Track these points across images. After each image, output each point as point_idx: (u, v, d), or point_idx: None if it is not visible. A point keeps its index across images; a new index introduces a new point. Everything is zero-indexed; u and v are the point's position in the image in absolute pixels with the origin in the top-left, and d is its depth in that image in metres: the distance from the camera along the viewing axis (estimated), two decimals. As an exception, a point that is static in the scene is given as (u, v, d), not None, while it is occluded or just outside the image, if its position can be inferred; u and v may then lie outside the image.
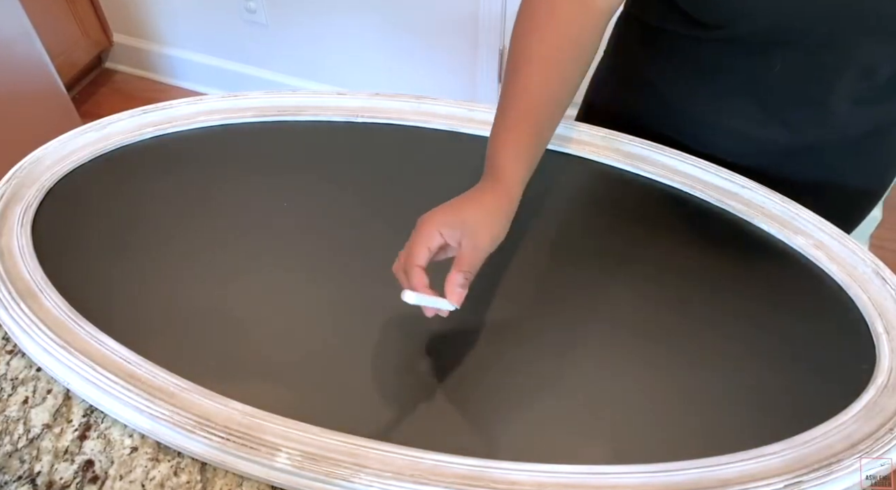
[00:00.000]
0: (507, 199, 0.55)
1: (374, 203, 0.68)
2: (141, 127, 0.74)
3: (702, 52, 0.67)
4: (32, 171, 0.68)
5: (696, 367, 0.56)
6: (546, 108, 0.58)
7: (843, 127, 0.68)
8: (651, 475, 0.48)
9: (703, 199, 0.69)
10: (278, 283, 0.61)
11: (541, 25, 0.59)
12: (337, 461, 0.48)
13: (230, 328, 0.57)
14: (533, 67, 0.58)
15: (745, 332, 0.58)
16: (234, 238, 0.65)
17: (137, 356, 0.54)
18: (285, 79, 1.90)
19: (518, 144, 0.57)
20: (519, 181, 0.56)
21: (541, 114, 0.58)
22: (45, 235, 0.63)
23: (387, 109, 0.77)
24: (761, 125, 0.69)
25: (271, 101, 0.78)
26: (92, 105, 1.99)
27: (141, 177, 0.70)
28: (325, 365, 0.55)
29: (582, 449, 0.50)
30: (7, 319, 0.55)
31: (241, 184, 0.70)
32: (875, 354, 0.56)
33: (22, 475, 0.49)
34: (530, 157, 0.57)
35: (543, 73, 0.58)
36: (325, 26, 1.73)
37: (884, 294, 0.60)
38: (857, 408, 0.52)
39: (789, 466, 0.48)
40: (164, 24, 1.94)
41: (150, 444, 0.51)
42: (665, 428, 0.52)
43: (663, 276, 0.62)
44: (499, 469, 0.48)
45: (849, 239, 0.64)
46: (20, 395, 0.54)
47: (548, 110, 0.58)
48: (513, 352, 0.56)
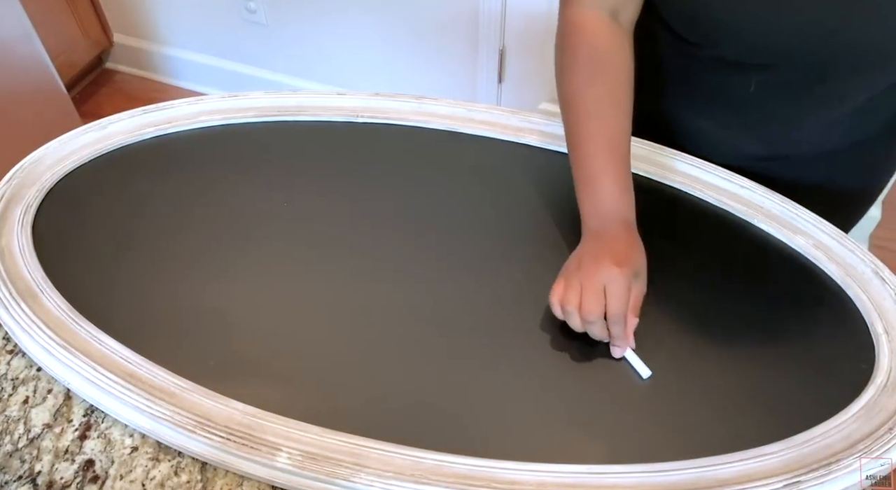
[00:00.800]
0: (636, 236, 0.58)
1: (374, 203, 0.68)
2: (141, 127, 0.74)
3: (683, 66, 0.69)
4: (33, 172, 0.68)
5: (695, 367, 0.56)
6: (627, 146, 0.62)
7: (817, 144, 0.71)
8: (650, 475, 0.48)
9: (702, 199, 0.69)
10: (279, 283, 0.61)
11: (601, 74, 0.62)
12: (337, 461, 0.48)
13: (230, 328, 0.57)
14: (608, 114, 0.61)
15: (744, 331, 0.58)
16: (235, 238, 0.65)
17: (138, 356, 0.54)
18: (285, 79, 1.90)
19: (622, 186, 0.60)
20: (634, 217, 0.60)
21: (627, 151, 0.61)
22: (46, 235, 0.63)
23: (387, 109, 0.77)
24: (737, 136, 0.72)
25: (272, 101, 0.78)
26: (92, 105, 1.99)
27: (141, 177, 0.70)
28: (325, 365, 0.55)
29: (582, 449, 0.50)
30: (7, 319, 0.55)
31: (241, 184, 0.70)
32: (874, 354, 0.56)
33: (22, 475, 0.49)
34: (632, 193, 0.60)
35: (616, 118, 0.61)
36: (326, 26, 1.73)
37: (883, 294, 0.60)
38: (856, 407, 0.52)
39: (788, 466, 0.48)
40: (164, 24, 1.94)
41: (150, 443, 0.51)
42: (664, 428, 0.52)
43: (663, 276, 0.62)
44: (499, 469, 0.48)
45: (848, 239, 0.65)
46: (20, 395, 0.54)
47: (628, 147, 0.62)
48: (513, 352, 0.57)
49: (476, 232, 0.67)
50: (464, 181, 0.72)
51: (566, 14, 0.64)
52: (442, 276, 0.62)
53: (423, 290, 0.61)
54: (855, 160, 0.74)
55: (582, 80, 0.62)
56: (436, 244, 0.65)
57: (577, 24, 0.63)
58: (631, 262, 0.55)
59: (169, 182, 0.70)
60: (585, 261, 0.56)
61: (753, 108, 0.69)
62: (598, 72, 0.62)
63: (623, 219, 0.59)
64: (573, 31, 0.63)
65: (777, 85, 0.65)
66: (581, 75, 0.62)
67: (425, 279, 0.62)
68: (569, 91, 0.63)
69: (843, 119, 0.68)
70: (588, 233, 0.59)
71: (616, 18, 0.63)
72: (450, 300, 0.60)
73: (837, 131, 0.69)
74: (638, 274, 0.56)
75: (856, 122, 0.68)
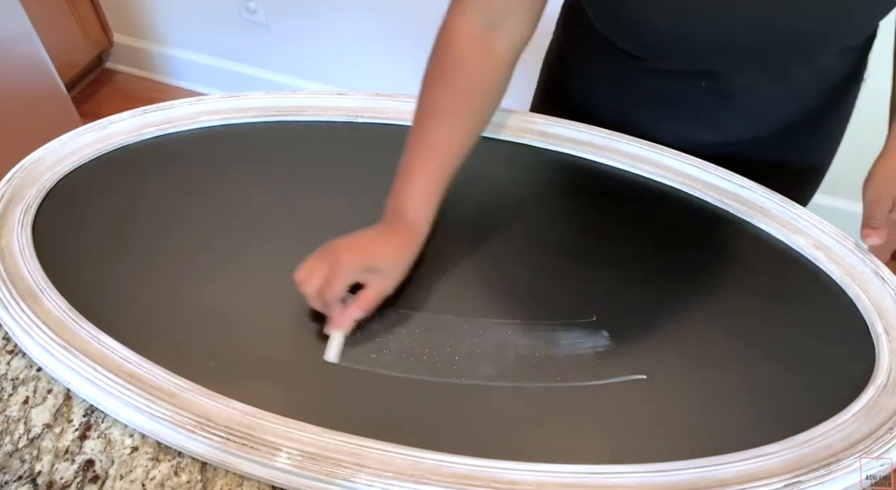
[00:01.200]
0: (415, 241, 0.60)
1: (374, 203, 0.68)
2: (141, 127, 0.74)
3: (629, 76, 0.71)
4: (33, 172, 0.68)
5: (696, 366, 0.56)
6: (452, 157, 0.62)
7: (770, 125, 0.74)
8: (650, 475, 0.48)
9: (702, 199, 0.69)
10: (279, 283, 0.61)
11: (448, 78, 0.63)
12: (337, 461, 0.48)
13: (230, 328, 0.57)
14: (441, 119, 0.62)
15: (744, 331, 0.58)
16: (235, 238, 0.65)
17: (138, 356, 0.54)
18: (285, 79, 1.90)
19: (426, 189, 0.61)
20: (426, 223, 0.61)
21: (447, 161, 0.62)
22: (46, 235, 0.63)
23: (387, 109, 0.77)
24: (693, 129, 0.74)
25: (272, 101, 0.78)
26: (92, 105, 2.00)
27: (141, 177, 0.70)
28: (325, 365, 0.55)
29: (582, 449, 0.50)
30: (7, 319, 0.55)
31: (241, 184, 0.70)
32: (874, 354, 0.56)
33: (22, 475, 0.49)
34: (437, 200, 0.62)
35: (450, 125, 0.62)
36: (326, 26, 1.73)
37: (883, 294, 0.60)
38: (856, 407, 0.52)
39: (788, 466, 0.48)
40: (164, 24, 1.94)
41: (150, 443, 0.51)
42: (664, 428, 0.52)
43: (663, 275, 0.62)
44: (499, 469, 0.48)
45: (849, 239, 0.65)
46: (21, 395, 0.54)
47: (453, 158, 0.62)
48: (513, 352, 0.56)
49: (476, 232, 0.67)
50: (464, 181, 0.72)
51: (445, 19, 0.65)
52: (442, 275, 0.62)
53: (422, 290, 0.61)
54: (809, 134, 0.77)
55: (430, 81, 0.63)
56: (435, 244, 0.65)
57: (449, 29, 0.64)
58: (371, 256, 0.57)
59: (169, 182, 0.70)
60: (343, 240, 0.58)
61: (703, 104, 0.71)
62: (446, 77, 0.63)
63: (400, 214, 0.60)
64: (444, 34, 0.64)
65: (724, 83, 0.68)
66: (431, 76, 0.63)
67: (425, 279, 0.62)
68: (420, 89, 0.64)
69: (791, 99, 0.71)
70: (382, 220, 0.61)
71: (493, 31, 0.63)
72: (449, 300, 0.60)
73: (788, 111, 0.73)
74: (375, 271, 0.57)
75: (805, 98, 0.72)
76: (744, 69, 0.67)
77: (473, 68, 0.62)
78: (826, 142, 0.81)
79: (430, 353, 0.56)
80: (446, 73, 0.63)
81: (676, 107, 0.73)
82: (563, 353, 0.56)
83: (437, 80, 0.63)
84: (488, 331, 0.58)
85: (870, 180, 0.63)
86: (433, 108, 0.63)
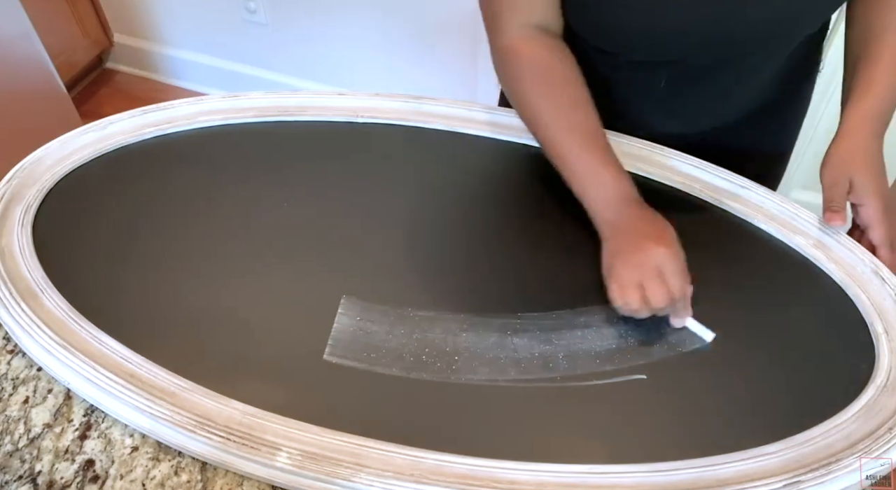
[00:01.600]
0: (652, 210, 0.60)
1: (374, 203, 0.68)
2: (141, 127, 0.74)
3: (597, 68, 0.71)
4: (33, 172, 0.68)
5: (695, 366, 0.56)
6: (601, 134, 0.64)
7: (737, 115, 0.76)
8: (650, 475, 0.48)
9: (703, 199, 0.69)
10: (278, 283, 0.61)
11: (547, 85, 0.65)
12: (337, 461, 0.48)
13: (230, 328, 0.57)
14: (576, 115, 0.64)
15: (743, 331, 0.58)
16: (235, 238, 0.65)
17: (138, 356, 0.54)
18: (286, 79, 1.90)
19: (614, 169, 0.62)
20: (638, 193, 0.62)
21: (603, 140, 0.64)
22: (46, 235, 0.63)
23: (387, 109, 0.77)
24: (662, 121, 0.76)
25: (272, 101, 0.78)
26: (92, 105, 2.00)
27: (141, 177, 0.70)
28: (325, 365, 0.55)
29: (582, 449, 0.51)
30: (8, 319, 0.55)
31: (241, 184, 0.70)
32: (874, 354, 0.56)
33: (23, 475, 0.49)
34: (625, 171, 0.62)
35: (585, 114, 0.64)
36: (326, 26, 1.73)
37: (883, 294, 0.60)
38: (856, 407, 0.52)
39: (788, 466, 0.49)
40: (164, 24, 1.94)
41: (150, 443, 0.51)
42: (664, 427, 0.52)
43: (663, 276, 0.62)
44: (499, 469, 0.48)
45: (848, 239, 0.65)
46: (21, 395, 0.54)
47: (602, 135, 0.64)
48: (513, 352, 0.56)
49: (476, 232, 0.67)
50: (464, 181, 0.72)
51: (497, 44, 0.66)
52: (442, 276, 0.62)
53: (422, 290, 0.61)
54: (769, 123, 0.80)
55: (539, 100, 0.65)
56: (436, 244, 0.65)
57: (511, 50, 0.65)
58: (668, 236, 0.57)
59: (169, 182, 0.70)
60: (626, 253, 0.57)
61: (670, 96, 0.73)
62: (550, 84, 0.65)
63: (633, 199, 0.60)
64: (511, 58, 0.65)
65: (689, 73, 0.70)
66: (535, 95, 0.65)
67: (425, 279, 0.62)
68: (531, 113, 0.65)
69: (752, 88, 0.74)
70: (606, 225, 0.60)
71: (540, 31, 0.65)
72: (449, 300, 0.60)
73: (748, 100, 0.75)
74: (677, 249, 0.57)
75: (764, 87, 0.74)
76: (709, 59, 0.68)
77: (562, 66, 0.65)
78: (785, 130, 0.83)
79: (429, 352, 0.56)
80: (549, 83, 0.65)
81: (644, 98, 0.74)
82: (566, 351, 0.56)
83: (545, 93, 0.65)
84: (488, 330, 0.58)
85: (825, 165, 0.65)
86: (562, 111, 0.64)
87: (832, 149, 0.65)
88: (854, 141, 0.64)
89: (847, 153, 0.64)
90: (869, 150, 0.64)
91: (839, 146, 0.65)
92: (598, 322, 0.58)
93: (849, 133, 0.65)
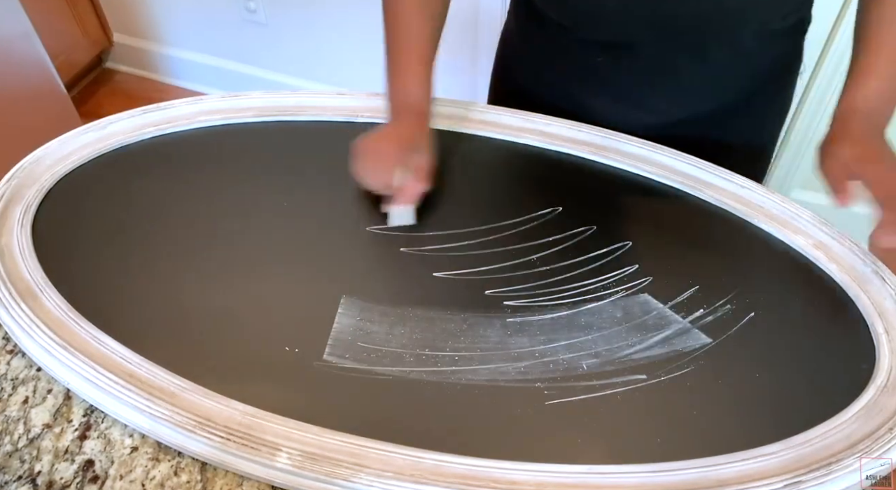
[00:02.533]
0: (427, 120, 0.71)
1: (373, 203, 0.68)
2: (141, 127, 0.74)
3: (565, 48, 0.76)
4: (32, 171, 0.68)
5: (695, 366, 0.56)
6: (429, 46, 0.73)
7: (707, 104, 0.76)
8: (650, 475, 0.48)
9: (703, 199, 0.69)
10: (278, 283, 0.61)
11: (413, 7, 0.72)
12: (337, 461, 0.48)
13: (230, 328, 0.57)
14: (408, 18, 0.72)
15: (743, 331, 0.58)
16: (234, 238, 0.65)
17: (137, 356, 0.54)
18: (285, 79, 1.90)
19: (420, 76, 0.71)
20: (429, 103, 0.72)
21: (427, 50, 0.72)
22: (45, 235, 0.63)
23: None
24: (630, 109, 0.77)
25: (271, 101, 0.78)
26: (92, 105, 2.00)
27: (141, 177, 0.70)
28: (325, 365, 0.55)
29: (582, 449, 0.50)
30: (7, 319, 0.55)
31: (241, 184, 0.70)
32: (874, 354, 0.56)
33: (22, 475, 0.49)
34: (431, 83, 0.72)
35: (417, 20, 0.72)
36: (326, 26, 1.73)
37: (883, 294, 0.60)
38: (856, 407, 0.52)
39: (788, 466, 0.48)
40: (164, 24, 1.94)
41: (150, 443, 0.51)
42: (664, 428, 0.52)
43: (662, 275, 0.62)
44: (499, 469, 0.48)
45: (848, 239, 0.65)
46: (20, 395, 0.54)
47: (430, 46, 0.73)
48: (514, 351, 0.56)
49: (476, 230, 0.67)
50: (464, 181, 0.72)
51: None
52: (442, 275, 0.62)
53: (422, 289, 0.61)
54: (740, 120, 0.80)
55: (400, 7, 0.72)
56: (437, 243, 0.65)
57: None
58: (407, 139, 0.67)
59: (169, 182, 0.70)
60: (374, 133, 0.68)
61: (632, 82, 0.75)
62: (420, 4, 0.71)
63: (415, 110, 0.70)
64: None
65: (645, 58, 0.71)
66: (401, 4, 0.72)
67: (425, 278, 0.62)
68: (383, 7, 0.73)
69: (712, 80, 0.74)
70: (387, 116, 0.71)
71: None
72: (450, 300, 0.60)
73: (710, 93, 0.75)
74: (415, 150, 0.67)
75: (728, 82, 0.75)
76: (663, 44, 0.70)
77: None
78: (762, 129, 0.83)
79: (429, 353, 0.56)
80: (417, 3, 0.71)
81: (607, 84, 0.76)
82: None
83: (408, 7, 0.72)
84: (488, 330, 0.58)
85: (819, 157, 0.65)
86: (397, 13, 0.72)
87: (823, 139, 0.66)
88: (844, 126, 0.65)
89: (837, 136, 0.64)
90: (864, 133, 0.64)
91: (829, 134, 0.65)
92: (598, 322, 0.58)
93: (840, 119, 0.65)
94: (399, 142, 0.67)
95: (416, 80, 0.71)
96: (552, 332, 0.58)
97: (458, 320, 0.58)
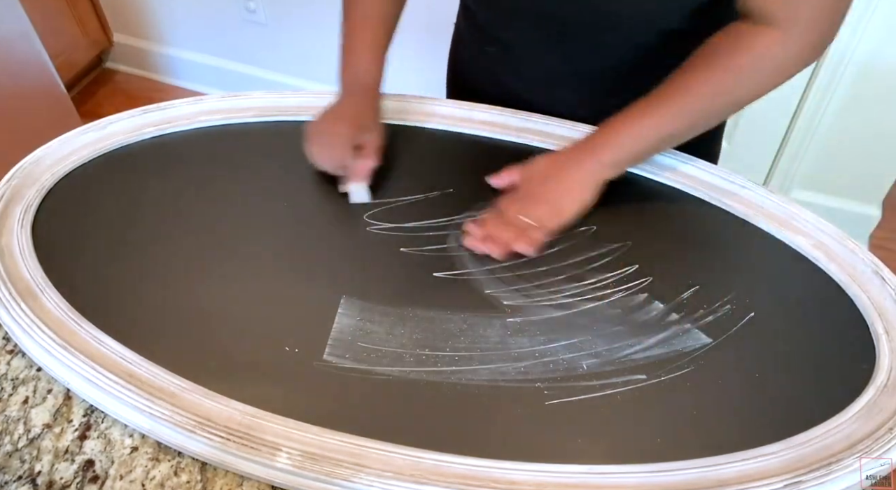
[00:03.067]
0: (378, 98, 0.73)
1: (373, 203, 0.68)
2: (141, 127, 0.74)
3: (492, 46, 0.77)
4: (32, 171, 0.68)
5: (695, 366, 0.56)
6: (386, 26, 0.75)
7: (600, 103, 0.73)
8: (650, 475, 0.48)
9: (703, 199, 0.69)
10: (278, 283, 0.61)
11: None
12: (337, 461, 0.48)
13: (230, 328, 0.57)
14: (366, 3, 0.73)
15: (743, 331, 0.58)
16: (234, 238, 0.65)
17: (138, 356, 0.54)
18: (286, 79, 1.90)
19: (374, 54, 0.73)
20: (380, 82, 0.73)
21: (383, 30, 0.74)
22: (46, 235, 0.63)
23: (386, 109, 0.77)
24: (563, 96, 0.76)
25: (272, 101, 0.78)
26: (92, 105, 2.00)
27: (141, 177, 0.70)
28: (325, 365, 0.55)
29: (582, 449, 0.50)
30: (7, 319, 0.55)
31: (240, 184, 0.70)
32: (874, 354, 0.56)
33: (22, 475, 0.49)
34: (384, 62, 0.74)
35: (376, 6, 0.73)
36: (326, 26, 1.72)
37: (883, 294, 0.60)
38: (856, 407, 0.52)
39: (788, 466, 0.48)
40: (164, 24, 1.94)
41: (150, 443, 0.51)
42: (664, 428, 0.52)
43: (662, 276, 0.62)
44: (499, 469, 0.48)
45: (848, 239, 0.65)
46: (20, 395, 0.54)
47: (387, 26, 0.75)
48: (513, 351, 0.56)
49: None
50: (464, 181, 0.72)
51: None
52: (442, 275, 0.62)
53: (423, 290, 0.61)
54: None
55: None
56: (438, 243, 0.65)
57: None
58: (357, 119, 0.69)
59: (169, 182, 0.70)
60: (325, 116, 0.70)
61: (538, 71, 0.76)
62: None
63: (367, 87, 0.72)
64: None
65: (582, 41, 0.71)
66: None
67: (425, 278, 0.62)
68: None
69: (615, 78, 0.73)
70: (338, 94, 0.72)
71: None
72: (450, 300, 0.60)
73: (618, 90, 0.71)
74: (365, 129, 0.69)
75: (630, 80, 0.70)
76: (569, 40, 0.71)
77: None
78: None
79: (429, 352, 0.56)
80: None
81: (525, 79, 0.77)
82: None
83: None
84: (488, 330, 0.58)
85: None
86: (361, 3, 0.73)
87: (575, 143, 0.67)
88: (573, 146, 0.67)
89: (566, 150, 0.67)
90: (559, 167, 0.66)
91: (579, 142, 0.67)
92: (598, 322, 0.58)
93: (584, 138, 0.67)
94: (350, 121, 0.68)
95: (368, 56, 0.72)
96: (552, 332, 0.58)
97: (458, 320, 0.58)
